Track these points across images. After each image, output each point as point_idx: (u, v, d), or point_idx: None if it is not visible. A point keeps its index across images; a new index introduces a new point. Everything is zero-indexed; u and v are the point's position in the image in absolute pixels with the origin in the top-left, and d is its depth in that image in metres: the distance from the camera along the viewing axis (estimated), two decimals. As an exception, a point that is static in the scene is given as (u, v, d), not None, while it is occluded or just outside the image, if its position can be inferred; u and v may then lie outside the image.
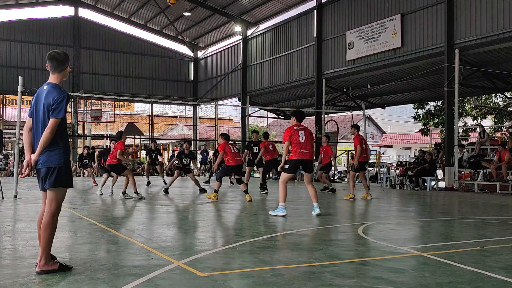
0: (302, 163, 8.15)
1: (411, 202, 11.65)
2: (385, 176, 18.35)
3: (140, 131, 31.51)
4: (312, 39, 24.05)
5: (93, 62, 32.29)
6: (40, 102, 4.00)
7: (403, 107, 32.84)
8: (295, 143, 8.06)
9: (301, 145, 8.05)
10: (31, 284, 3.59)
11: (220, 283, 3.67)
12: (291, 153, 8.08)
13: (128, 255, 4.67)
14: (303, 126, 8.31)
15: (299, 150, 8.02)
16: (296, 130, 8.14)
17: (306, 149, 8.10)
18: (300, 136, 8.08)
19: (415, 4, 18.68)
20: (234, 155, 10.94)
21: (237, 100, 30.70)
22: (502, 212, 9.42)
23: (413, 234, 6.67)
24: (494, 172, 14.94)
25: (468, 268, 4.20)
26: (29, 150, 4.03)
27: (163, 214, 8.52)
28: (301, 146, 8.04)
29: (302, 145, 8.05)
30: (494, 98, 26.87)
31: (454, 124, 16.91)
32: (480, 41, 16.37)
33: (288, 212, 8.07)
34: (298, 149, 8.02)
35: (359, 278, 3.89)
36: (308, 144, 8.15)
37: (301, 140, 8.06)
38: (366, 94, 23.98)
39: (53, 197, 3.95)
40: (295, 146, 8.06)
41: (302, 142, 8.06)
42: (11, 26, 30.11)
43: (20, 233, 6.09)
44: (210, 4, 28.43)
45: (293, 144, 8.07)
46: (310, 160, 8.28)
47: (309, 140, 8.20)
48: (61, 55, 4.12)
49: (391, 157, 37.56)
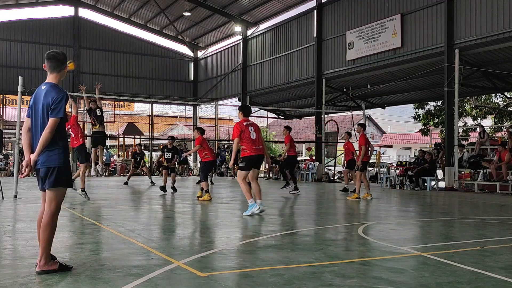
0: (258, 159, 8.11)
1: (411, 202, 11.65)
2: (385, 176, 18.35)
3: (140, 131, 31.51)
4: (312, 39, 24.05)
5: (93, 62, 32.28)
6: (39, 102, 4.00)
7: (403, 107, 32.86)
8: (247, 139, 8.00)
9: (254, 142, 8.02)
10: (31, 284, 3.59)
11: (220, 283, 3.67)
12: (245, 150, 7.99)
13: (128, 255, 4.67)
14: (251, 122, 8.26)
15: (254, 147, 8.00)
16: (246, 126, 8.06)
17: (259, 144, 8.11)
18: (251, 132, 8.05)
19: (415, 4, 18.67)
20: (211, 151, 11.04)
21: (237, 100, 30.69)
22: (502, 212, 9.41)
23: (413, 234, 6.67)
24: (494, 172, 14.94)
25: (468, 268, 4.20)
26: (28, 150, 4.03)
27: (163, 214, 8.52)
28: (254, 142, 8.02)
29: (255, 141, 8.04)
30: (494, 98, 26.87)
31: (454, 124, 16.91)
32: (480, 41, 16.37)
33: (288, 212, 8.07)
34: (252, 145, 8.00)
35: (359, 278, 3.89)
36: (259, 139, 8.15)
37: (252, 136, 8.03)
38: (366, 94, 23.98)
39: (53, 197, 3.95)
40: (248, 142, 8.00)
41: (254, 139, 8.04)
42: (11, 26, 30.10)
43: (20, 233, 6.09)
44: (210, 4, 28.43)
45: (245, 141, 8.00)
46: (263, 155, 8.28)
47: (259, 136, 8.19)
48: (60, 54, 4.13)
49: (391, 157, 37.55)
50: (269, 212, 8.63)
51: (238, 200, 11.26)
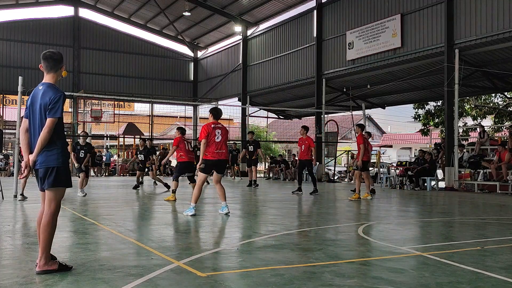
0: (217, 164, 8.08)
1: (411, 202, 11.65)
2: (385, 176, 18.35)
3: (140, 131, 31.52)
4: (312, 39, 24.05)
5: (93, 62, 32.27)
6: (36, 102, 3.99)
7: (403, 107, 32.85)
8: (211, 142, 8.00)
9: (217, 145, 8.02)
10: (31, 284, 3.59)
11: (220, 283, 3.67)
12: (205, 153, 8.01)
13: (128, 255, 4.67)
14: (220, 125, 8.25)
15: (215, 151, 7.99)
16: (214, 129, 8.06)
17: (222, 149, 8.09)
18: (217, 135, 8.04)
19: (415, 4, 18.67)
20: (188, 151, 10.88)
21: (237, 100, 30.69)
22: (502, 212, 9.41)
23: (413, 234, 6.67)
24: (494, 172, 14.93)
25: (468, 268, 4.20)
26: (26, 150, 4.02)
27: (162, 214, 8.52)
28: (217, 146, 8.01)
29: (218, 144, 8.03)
30: (494, 98, 26.86)
31: (454, 124, 16.91)
32: (480, 41, 16.37)
33: (288, 211, 8.07)
34: (214, 149, 7.99)
35: (359, 278, 3.89)
36: (223, 143, 8.13)
37: (217, 139, 8.02)
38: (366, 94, 23.97)
39: (52, 197, 3.95)
40: (211, 145, 8.00)
41: (218, 142, 8.03)
42: (11, 26, 30.10)
43: (20, 233, 6.09)
44: (210, 4, 28.43)
45: (209, 144, 8.00)
46: (225, 160, 8.30)
47: (225, 140, 8.16)
48: (57, 54, 4.13)
49: (391, 157, 37.54)
50: (269, 212, 8.63)
51: (238, 200, 11.26)
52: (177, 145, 10.86)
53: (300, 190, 12.98)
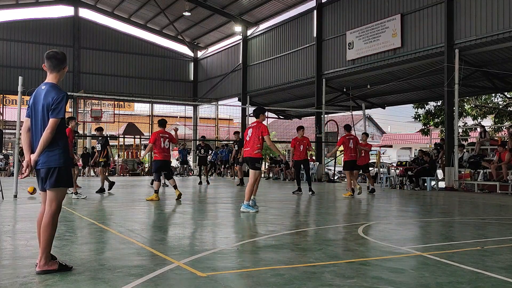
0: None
1: (411, 202, 11.65)
2: (385, 176, 18.35)
3: (140, 131, 31.53)
4: (312, 39, 24.05)
5: (93, 62, 32.29)
6: (39, 102, 3.99)
7: (403, 107, 32.84)
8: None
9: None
10: (31, 284, 3.59)
11: (220, 283, 3.67)
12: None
13: (128, 255, 4.67)
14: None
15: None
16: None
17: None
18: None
19: (415, 4, 18.68)
20: (163, 150, 10.46)
21: (237, 100, 30.71)
22: (502, 212, 9.41)
23: (413, 234, 6.67)
24: (494, 172, 14.93)
25: (468, 268, 4.20)
26: (28, 150, 4.02)
27: (163, 214, 8.52)
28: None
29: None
30: (494, 98, 26.87)
31: (454, 124, 16.91)
32: (480, 41, 16.37)
33: (288, 211, 8.06)
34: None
35: (359, 278, 3.89)
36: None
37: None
38: (366, 94, 23.97)
39: (54, 197, 3.95)
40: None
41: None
42: (11, 26, 30.12)
43: (20, 233, 6.09)
44: (210, 4, 28.44)
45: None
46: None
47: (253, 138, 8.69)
48: (60, 54, 4.13)
49: (391, 157, 37.57)
50: (269, 212, 8.63)
51: (237, 200, 11.25)
52: (154, 142, 10.41)
53: (300, 190, 13.00)
